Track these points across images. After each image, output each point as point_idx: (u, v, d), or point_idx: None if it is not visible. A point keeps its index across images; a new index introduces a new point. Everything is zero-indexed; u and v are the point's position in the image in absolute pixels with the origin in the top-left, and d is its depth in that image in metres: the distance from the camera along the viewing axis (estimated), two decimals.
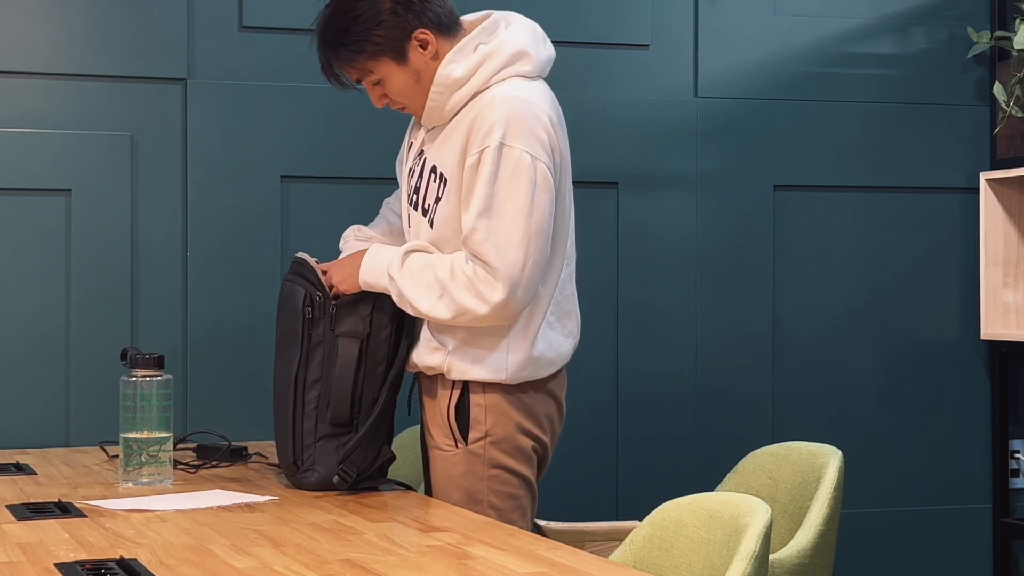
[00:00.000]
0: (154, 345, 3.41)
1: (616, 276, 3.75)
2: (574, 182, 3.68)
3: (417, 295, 2.53)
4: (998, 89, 3.85)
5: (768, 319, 3.86)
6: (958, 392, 4.03)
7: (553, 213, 2.53)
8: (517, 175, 2.48)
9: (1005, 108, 3.82)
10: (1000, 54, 3.96)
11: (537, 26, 2.69)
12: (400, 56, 2.57)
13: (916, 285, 4.00)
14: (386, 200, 2.92)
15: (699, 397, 3.81)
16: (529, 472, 2.63)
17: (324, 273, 2.66)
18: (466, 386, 2.59)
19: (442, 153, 2.59)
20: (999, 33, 3.94)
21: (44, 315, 3.37)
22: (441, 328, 2.59)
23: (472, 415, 2.59)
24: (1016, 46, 3.77)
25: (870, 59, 3.96)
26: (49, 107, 3.38)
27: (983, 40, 3.94)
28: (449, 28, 2.60)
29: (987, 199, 3.91)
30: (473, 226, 2.49)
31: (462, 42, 2.59)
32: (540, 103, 2.56)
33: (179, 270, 3.45)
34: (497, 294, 2.47)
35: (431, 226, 2.60)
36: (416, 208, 2.64)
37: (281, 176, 3.52)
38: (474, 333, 2.57)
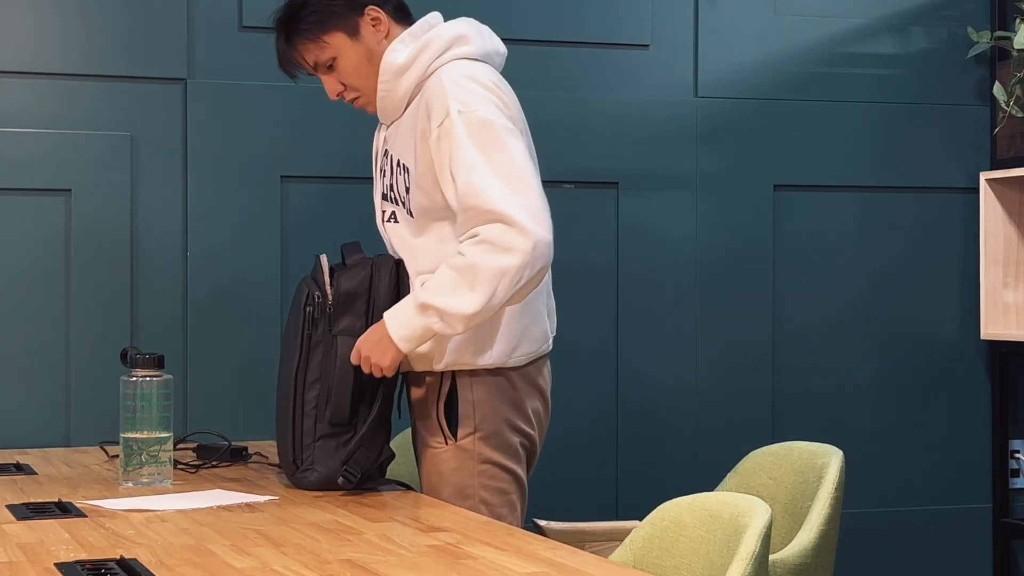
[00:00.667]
0: (154, 345, 3.41)
1: (616, 276, 3.75)
2: (574, 182, 3.71)
3: (455, 300, 2.45)
4: (998, 89, 3.85)
5: (768, 319, 3.86)
6: (958, 392, 4.03)
7: (528, 158, 2.53)
8: (485, 132, 2.49)
9: (1005, 108, 3.82)
10: (1000, 54, 3.96)
11: (482, 24, 2.72)
12: (353, 30, 2.64)
13: (916, 285, 4.00)
14: None
15: (699, 397, 3.81)
16: (518, 467, 2.64)
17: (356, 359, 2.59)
18: (454, 383, 2.60)
19: (401, 144, 2.64)
20: (999, 33, 3.94)
21: (44, 315, 3.37)
22: None
23: (460, 411, 2.60)
24: (1016, 46, 3.77)
25: (870, 59, 3.96)
26: (49, 107, 3.38)
27: (983, 40, 3.94)
28: (400, 13, 2.69)
29: (987, 199, 3.91)
30: (466, 184, 2.46)
31: (404, 34, 2.66)
32: (485, 74, 2.59)
33: (179, 270, 3.45)
34: (518, 237, 2.42)
35: (411, 215, 2.63)
36: (396, 203, 2.67)
37: (281, 176, 3.52)
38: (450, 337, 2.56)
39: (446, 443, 2.61)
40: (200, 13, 3.47)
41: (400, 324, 2.50)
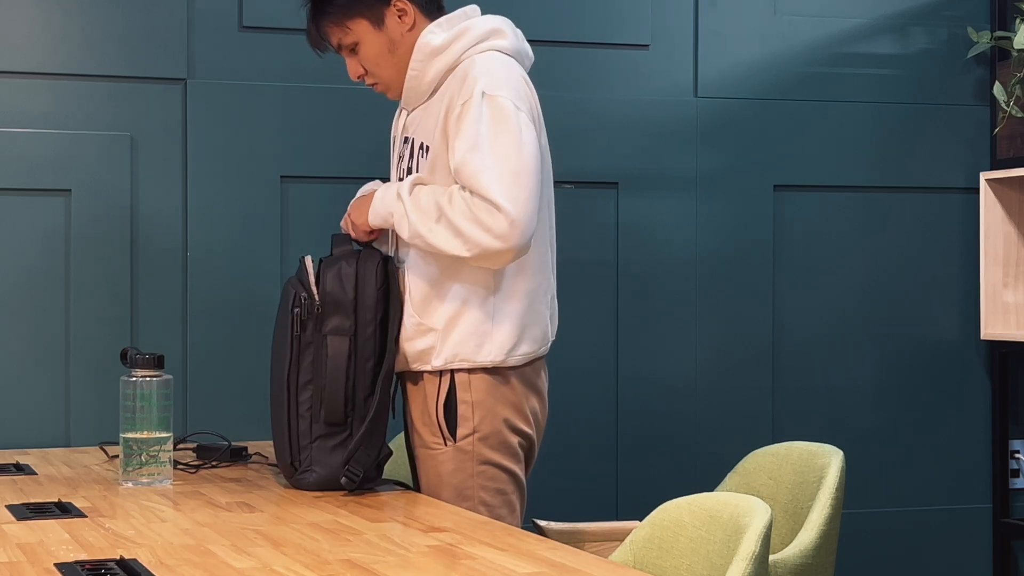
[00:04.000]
0: (154, 345, 3.41)
1: (616, 276, 3.75)
2: (574, 182, 3.71)
3: (418, 218, 2.54)
4: (998, 89, 3.85)
5: (768, 319, 3.86)
6: (958, 392, 4.03)
7: (539, 158, 2.56)
8: (503, 118, 2.52)
9: (1005, 108, 3.82)
10: (1000, 54, 3.96)
11: (517, 27, 2.75)
12: (377, 20, 2.65)
13: (916, 285, 4.00)
14: None
15: (699, 397, 3.81)
16: (517, 468, 2.64)
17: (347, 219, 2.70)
18: (453, 383, 2.60)
19: (425, 127, 2.65)
20: (999, 33, 3.94)
21: (44, 315, 3.37)
22: (428, 309, 2.60)
23: (460, 412, 2.60)
24: (1016, 46, 3.77)
25: (870, 59, 3.96)
26: (49, 107, 3.38)
27: (983, 40, 3.94)
28: (430, 9, 2.69)
29: (987, 199, 3.91)
30: (463, 158, 2.49)
31: (442, 19, 2.67)
32: (516, 69, 2.64)
33: (179, 270, 3.45)
34: (500, 224, 2.45)
35: None
36: None
37: (281, 176, 3.52)
38: (459, 313, 2.58)
39: (445, 444, 2.61)
40: (200, 13, 3.47)
41: (381, 197, 2.63)
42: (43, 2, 3.39)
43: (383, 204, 2.62)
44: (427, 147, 2.64)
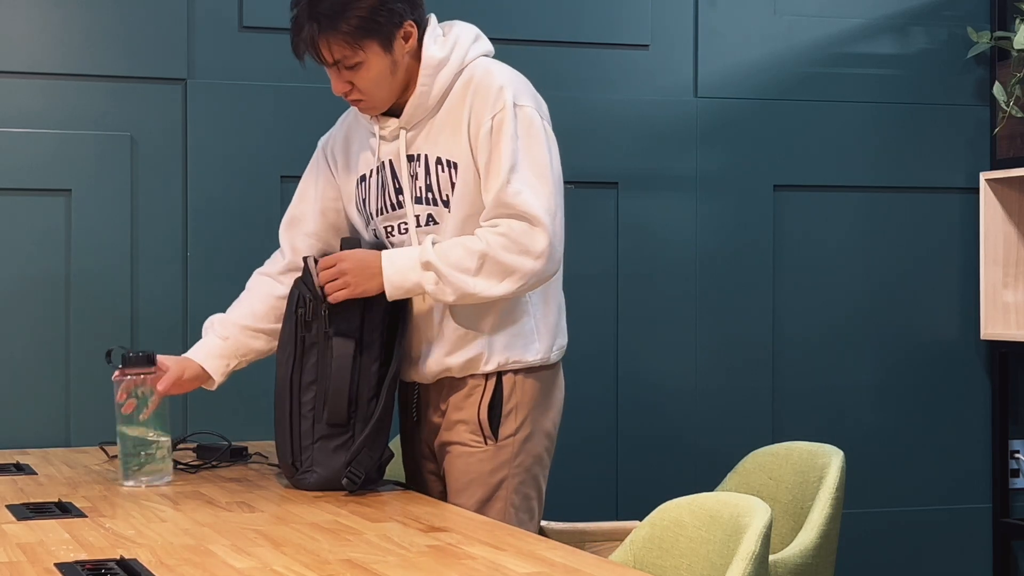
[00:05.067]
0: (154, 345, 3.40)
1: (616, 276, 3.75)
2: (574, 182, 3.70)
3: (459, 276, 2.50)
4: (998, 89, 3.85)
5: (768, 319, 3.86)
6: (958, 392, 4.03)
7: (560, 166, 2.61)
8: (533, 131, 2.55)
9: (1005, 108, 3.82)
10: (1000, 54, 3.96)
11: None
12: (387, 43, 2.57)
13: (916, 285, 4.00)
14: (259, 271, 2.84)
15: (699, 397, 3.81)
16: (543, 475, 2.68)
17: (329, 267, 2.59)
18: (500, 384, 2.61)
19: (442, 141, 2.60)
20: (999, 33, 3.94)
21: (44, 315, 3.37)
22: (470, 319, 2.59)
23: (504, 412, 2.61)
24: (1016, 46, 3.77)
25: (870, 59, 3.96)
26: (49, 107, 3.38)
27: (983, 40, 3.94)
28: (424, 27, 2.66)
29: (987, 199, 3.91)
30: (506, 179, 2.50)
31: (428, 34, 2.62)
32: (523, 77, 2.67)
33: (179, 270, 3.45)
34: (541, 241, 2.49)
35: (450, 211, 2.60)
36: (435, 204, 2.61)
37: (281, 176, 3.51)
38: (504, 319, 2.59)
39: (485, 443, 2.61)
40: (200, 13, 3.47)
41: (396, 269, 2.55)
42: (43, 2, 3.39)
43: (401, 276, 2.54)
44: (452, 163, 2.58)
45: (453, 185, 2.58)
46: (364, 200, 2.71)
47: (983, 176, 3.91)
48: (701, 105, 3.82)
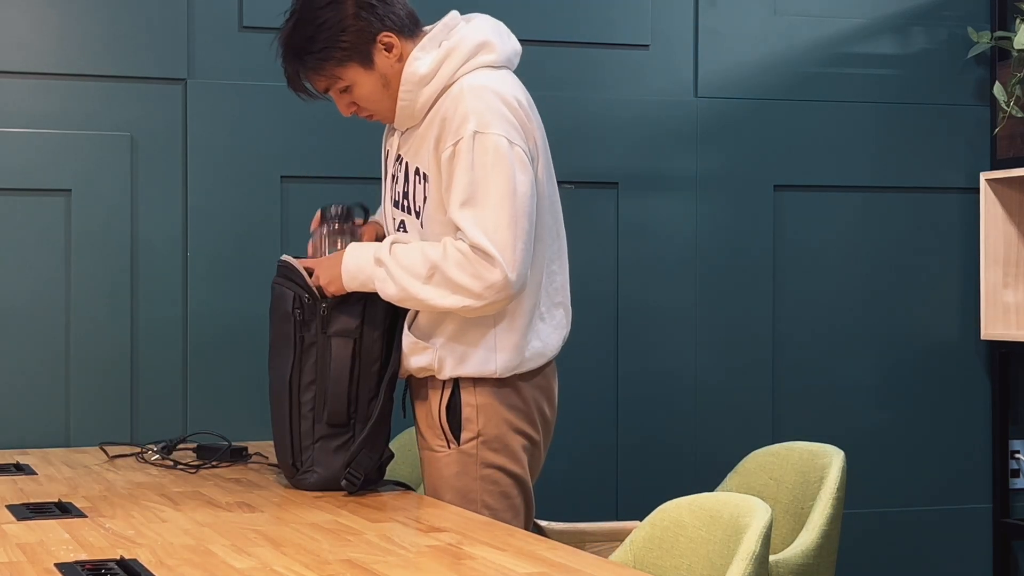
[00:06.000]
0: (154, 345, 3.42)
1: (616, 276, 3.75)
2: (574, 182, 3.70)
3: (406, 278, 2.50)
4: (998, 89, 3.85)
5: (768, 319, 3.86)
6: (958, 392, 4.03)
7: (535, 197, 2.52)
8: (497, 160, 2.47)
9: (1005, 108, 3.82)
10: (1000, 54, 3.96)
11: (499, 22, 2.70)
12: (367, 60, 2.57)
13: (916, 285, 4.00)
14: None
15: (699, 397, 3.81)
16: (521, 471, 2.63)
17: (309, 273, 2.63)
18: (456, 386, 2.59)
19: (420, 153, 2.59)
20: (999, 33, 3.94)
21: (44, 315, 3.37)
22: (425, 327, 2.59)
23: (464, 415, 2.58)
24: (1016, 46, 3.77)
25: (870, 59, 3.96)
26: (49, 107, 3.38)
27: (983, 40, 3.94)
28: (411, 30, 2.62)
29: (987, 199, 3.91)
30: (459, 216, 2.47)
31: (424, 40, 2.60)
32: (509, 89, 2.57)
33: (179, 270, 3.45)
34: (494, 274, 2.44)
35: (422, 226, 2.60)
36: (408, 212, 2.63)
37: (281, 176, 3.52)
38: (460, 329, 2.56)
39: (448, 447, 2.60)
40: (200, 13, 3.47)
41: (355, 262, 2.56)
42: (43, 2, 3.39)
43: (359, 269, 2.56)
44: (425, 175, 2.58)
45: (425, 199, 2.58)
46: (384, 173, 2.75)
47: (983, 176, 3.91)
48: (701, 105, 3.82)
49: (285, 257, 2.69)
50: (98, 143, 3.40)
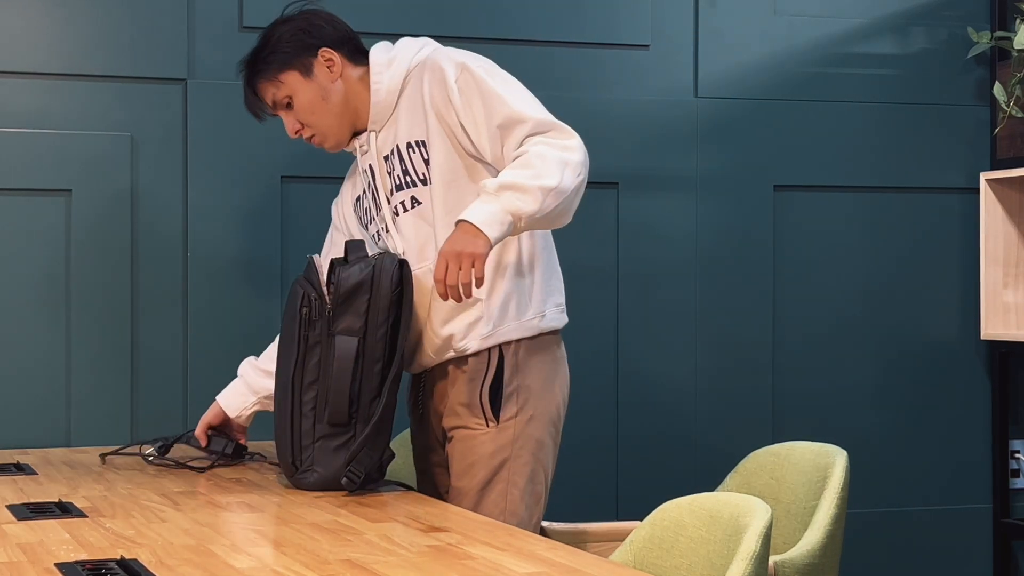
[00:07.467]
0: (154, 345, 3.42)
1: (616, 276, 3.75)
2: None
3: (530, 177, 2.49)
4: (998, 89, 3.85)
5: (768, 319, 3.86)
6: (958, 392, 4.03)
7: None
8: (493, 72, 2.65)
9: (1005, 108, 3.82)
10: (1000, 54, 3.96)
11: None
12: (306, 69, 2.74)
13: (916, 285, 4.00)
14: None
15: (699, 397, 3.81)
16: (551, 459, 2.71)
17: (441, 275, 2.49)
18: (501, 363, 2.64)
19: (407, 126, 2.69)
20: (999, 33, 3.94)
21: (44, 315, 3.37)
22: (464, 303, 2.59)
23: (505, 393, 2.65)
24: (1016, 46, 3.77)
25: (870, 59, 3.96)
26: (49, 107, 3.38)
27: (983, 40, 3.94)
28: (355, 56, 2.77)
29: (987, 199, 3.91)
30: (503, 119, 2.59)
31: (379, 44, 2.79)
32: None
33: (179, 270, 3.45)
34: (571, 138, 2.60)
35: (432, 181, 2.67)
36: (414, 184, 2.69)
37: (281, 176, 3.52)
38: (496, 282, 2.63)
39: (487, 425, 2.65)
40: (200, 13, 3.47)
41: (481, 214, 2.47)
42: (43, 2, 3.39)
43: (486, 213, 2.46)
44: (420, 142, 2.68)
45: (427, 162, 2.67)
46: (364, 212, 2.82)
47: (983, 176, 3.91)
48: (701, 105, 3.82)
49: (312, 256, 2.71)
50: (98, 143, 3.40)
